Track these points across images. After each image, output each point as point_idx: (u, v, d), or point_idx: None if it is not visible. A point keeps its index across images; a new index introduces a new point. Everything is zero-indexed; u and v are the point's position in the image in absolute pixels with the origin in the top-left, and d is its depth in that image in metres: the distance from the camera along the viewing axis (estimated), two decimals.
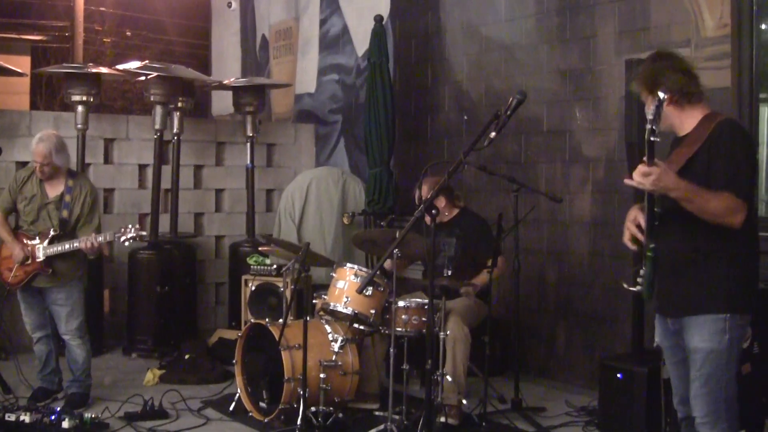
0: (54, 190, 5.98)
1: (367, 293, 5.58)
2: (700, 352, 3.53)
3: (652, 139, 3.31)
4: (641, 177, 3.43)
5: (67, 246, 5.78)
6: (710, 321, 3.51)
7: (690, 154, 3.61)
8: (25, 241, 5.90)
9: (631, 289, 3.75)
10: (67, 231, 5.89)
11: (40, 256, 5.83)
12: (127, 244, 5.91)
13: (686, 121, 3.71)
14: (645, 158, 3.40)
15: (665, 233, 3.60)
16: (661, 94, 3.35)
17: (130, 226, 5.84)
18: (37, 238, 5.88)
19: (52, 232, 5.86)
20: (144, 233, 5.98)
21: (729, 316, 3.50)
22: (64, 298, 5.95)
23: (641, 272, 3.69)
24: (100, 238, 5.75)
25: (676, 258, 3.62)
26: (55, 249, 5.81)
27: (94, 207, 6.03)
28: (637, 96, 3.86)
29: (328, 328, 5.92)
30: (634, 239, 3.78)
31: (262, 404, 5.79)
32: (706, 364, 3.52)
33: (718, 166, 3.53)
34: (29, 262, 5.86)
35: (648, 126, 3.31)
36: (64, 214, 5.90)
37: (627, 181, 3.50)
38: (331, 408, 5.63)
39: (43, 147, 5.84)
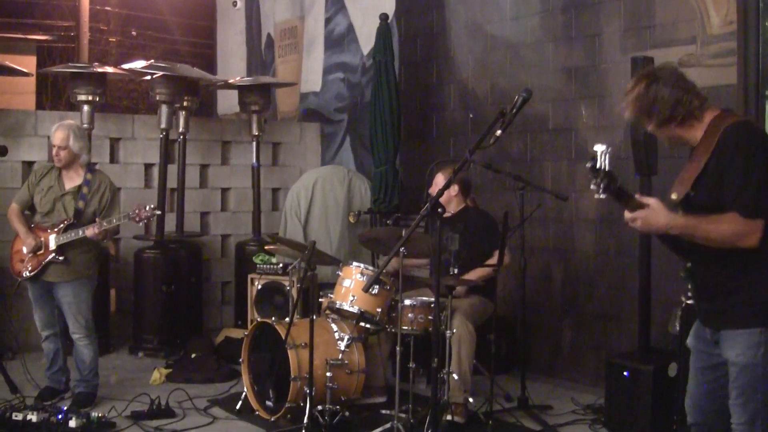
0: (72, 182, 6.03)
1: (373, 292, 5.58)
2: (735, 365, 3.48)
3: (596, 197, 3.17)
4: (631, 223, 3.37)
5: (80, 233, 5.81)
6: (745, 335, 3.43)
7: (699, 168, 3.44)
8: (38, 233, 5.94)
9: (689, 302, 3.69)
10: (81, 221, 5.91)
11: (53, 245, 5.86)
12: (141, 225, 5.96)
13: (696, 133, 3.52)
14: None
15: (699, 246, 3.47)
16: (597, 148, 3.13)
17: (147, 207, 5.89)
18: (51, 229, 5.92)
19: (66, 222, 5.90)
20: (158, 212, 6.02)
21: (764, 330, 3.41)
22: (72, 295, 5.96)
23: (689, 285, 3.66)
24: (105, 224, 5.78)
25: (714, 272, 3.52)
26: (67, 236, 5.84)
27: (113, 202, 6.07)
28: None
29: (334, 327, 5.92)
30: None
31: (269, 403, 5.80)
32: (741, 376, 3.46)
33: (726, 181, 3.36)
34: (42, 251, 5.89)
35: (592, 186, 3.15)
36: (80, 204, 5.94)
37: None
38: (338, 407, 5.63)
39: (61, 131, 5.97)
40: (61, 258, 5.87)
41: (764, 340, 3.42)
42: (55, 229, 5.89)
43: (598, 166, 3.14)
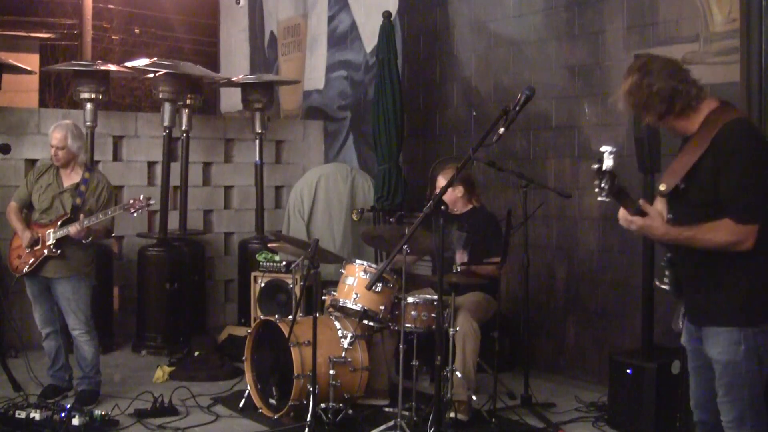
0: (70, 180, 6.06)
1: (376, 289, 5.58)
2: (718, 363, 3.49)
3: (599, 199, 3.16)
4: (625, 224, 3.38)
5: (76, 228, 5.81)
6: (725, 333, 3.45)
7: (693, 161, 3.42)
8: (35, 229, 5.96)
9: (662, 287, 3.69)
10: (78, 218, 5.91)
11: (50, 239, 5.88)
12: (136, 215, 5.98)
13: (692, 124, 3.49)
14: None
15: None
16: (604, 149, 3.09)
17: (141, 196, 5.91)
18: (48, 224, 5.94)
19: (63, 217, 5.91)
20: (152, 202, 6.05)
21: (743, 328, 3.42)
22: (70, 291, 5.98)
23: (666, 272, 3.64)
24: (86, 222, 5.78)
25: (696, 265, 3.53)
26: (63, 231, 5.85)
27: (110, 202, 6.08)
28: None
29: (337, 325, 5.92)
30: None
31: (272, 401, 5.80)
32: (725, 374, 3.48)
33: (722, 185, 3.35)
34: (38, 246, 5.91)
35: (596, 189, 3.13)
36: (77, 201, 5.96)
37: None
38: (341, 404, 5.64)
39: (58, 132, 5.99)
40: (57, 252, 5.88)
41: (744, 337, 3.43)
42: (53, 225, 5.91)
43: (604, 168, 3.12)
